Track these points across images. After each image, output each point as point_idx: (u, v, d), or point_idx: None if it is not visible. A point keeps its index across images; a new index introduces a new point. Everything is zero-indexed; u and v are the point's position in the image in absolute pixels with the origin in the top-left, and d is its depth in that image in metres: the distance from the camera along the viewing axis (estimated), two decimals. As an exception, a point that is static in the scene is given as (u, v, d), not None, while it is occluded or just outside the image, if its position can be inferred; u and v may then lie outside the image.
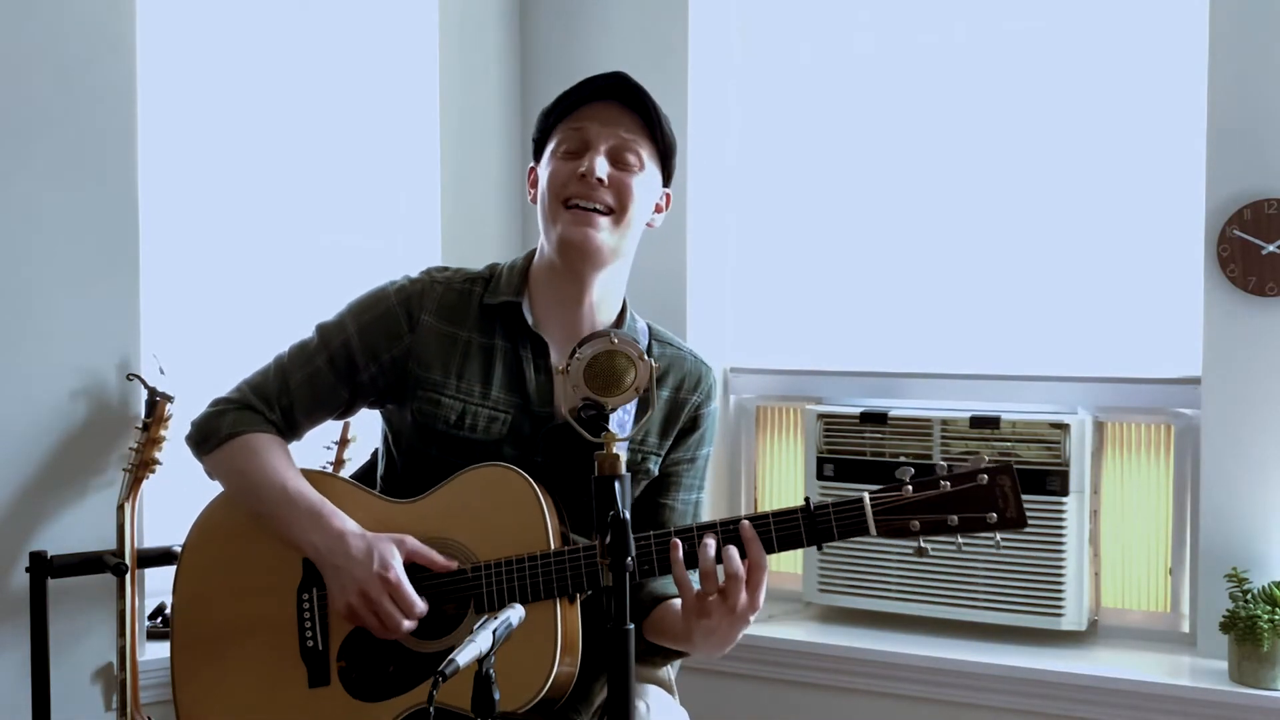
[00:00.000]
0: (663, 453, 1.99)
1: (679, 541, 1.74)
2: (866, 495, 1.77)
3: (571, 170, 1.88)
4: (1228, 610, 2.68)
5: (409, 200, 3.35)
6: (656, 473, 2.00)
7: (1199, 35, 2.79)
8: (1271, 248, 2.70)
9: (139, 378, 2.64)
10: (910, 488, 1.76)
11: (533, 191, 1.97)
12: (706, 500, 2.09)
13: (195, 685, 1.91)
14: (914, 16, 3.22)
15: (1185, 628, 2.94)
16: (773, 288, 3.43)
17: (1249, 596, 2.67)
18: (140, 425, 2.59)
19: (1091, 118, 3.03)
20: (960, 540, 1.78)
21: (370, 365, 1.94)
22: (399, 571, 1.79)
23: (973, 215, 3.16)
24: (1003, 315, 3.14)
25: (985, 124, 3.14)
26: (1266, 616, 2.61)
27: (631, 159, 1.89)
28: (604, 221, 1.88)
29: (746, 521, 1.75)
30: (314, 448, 2.78)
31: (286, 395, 1.95)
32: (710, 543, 1.73)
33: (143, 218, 2.71)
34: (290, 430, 1.98)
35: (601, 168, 1.87)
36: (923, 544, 1.76)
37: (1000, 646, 2.95)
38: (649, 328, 2.04)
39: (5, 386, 2.55)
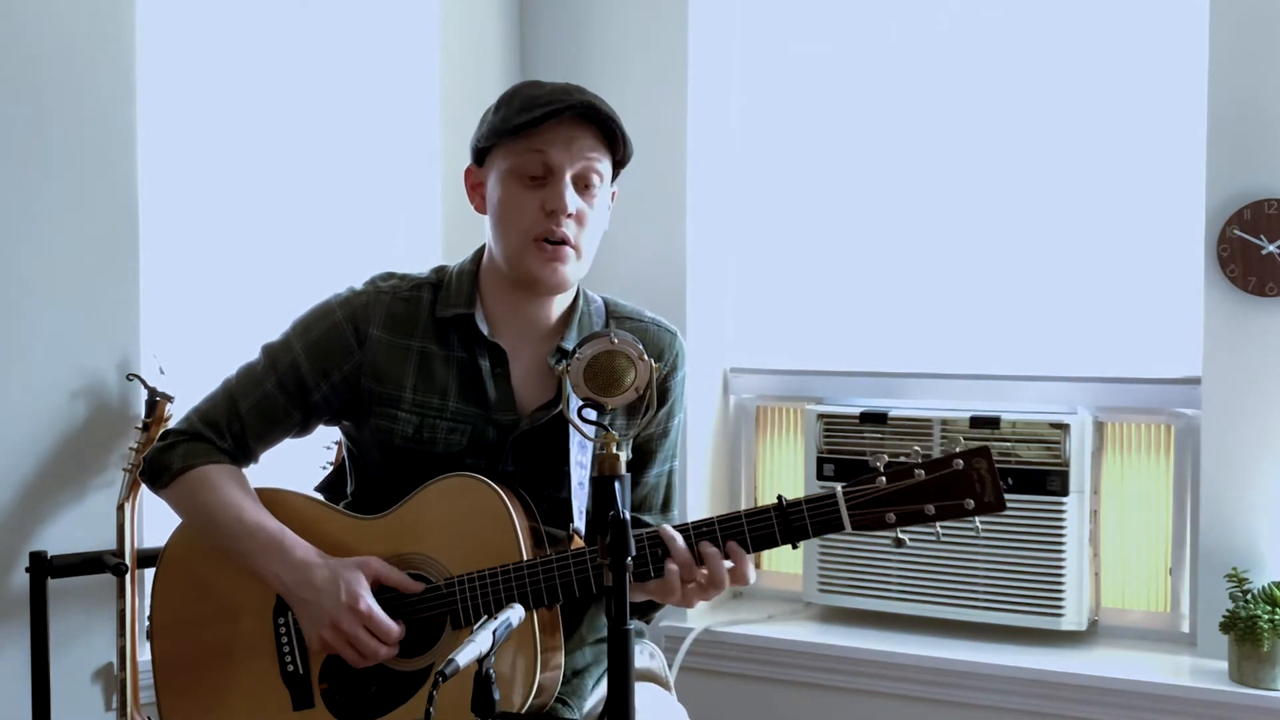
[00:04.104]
0: (631, 433, 1.98)
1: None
2: (839, 488, 1.72)
3: (537, 204, 1.82)
4: (1228, 610, 2.68)
5: (409, 200, 3.35)
6: (630, 455, 1.96)
7: (1199, 35, 2.79)
8: (1271, 248, 2.70)
9: (139, 378, 2.64)
10: (884, 479, 1.70)
11: (476, 199, 1.91)
12: (681, 469, 2.04)
13: (182, 715, 1.90)
14: (914, 17, 3.22)
15: (1185, 628, 2.94)
16: (773, 287, 3.43)
17: (1249, 596, 2.67)
18: (140, 425, 2.59)
19: (1092, 117, 3.03)
20: (939, 529, 1.73)
21: (321, 385, 1.91)
22: (368, 600, 1.77)
23: (973, 215, 3.16)
24: (1002, 315, 3.14)
25: (986, 124, 3.14)
26: (1266, 616, 2.61)
27: (594, 179, 1.84)
28: (570, 253, 1.85)
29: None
30: (314, 448, 2.78)
31: (237, 421, 1.91)
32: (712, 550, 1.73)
33: (143, 218, 2.71)
34: (244, 456, 1.94)
35: (572, 203, 1.82)
36: (900, 535, 1.70)
37: (1000, 646, 2.94)
38: (605, 304, 2.00)
39: (5, 386, 2.55)
